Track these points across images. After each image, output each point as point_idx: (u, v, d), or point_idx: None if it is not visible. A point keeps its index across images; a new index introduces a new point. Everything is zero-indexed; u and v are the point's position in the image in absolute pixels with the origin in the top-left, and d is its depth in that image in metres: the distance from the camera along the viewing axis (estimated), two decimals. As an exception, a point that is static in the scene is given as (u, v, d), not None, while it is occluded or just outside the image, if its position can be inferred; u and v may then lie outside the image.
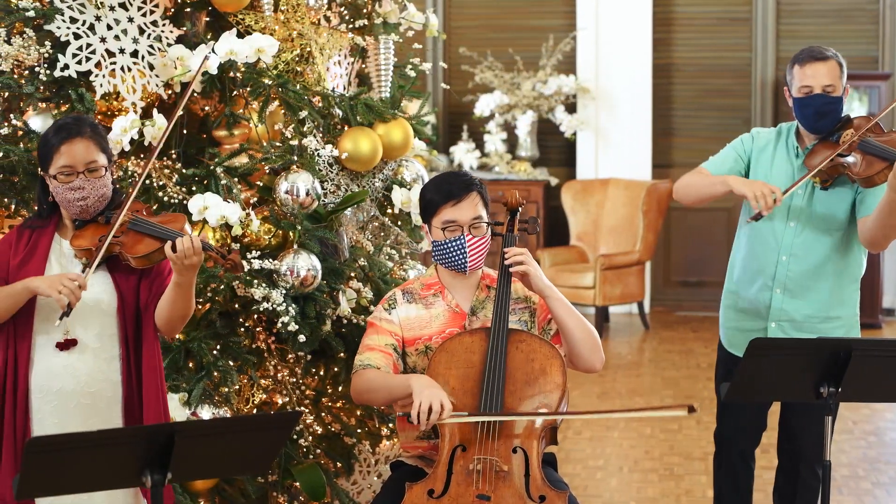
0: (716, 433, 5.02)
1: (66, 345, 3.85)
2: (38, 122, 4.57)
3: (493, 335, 4.15)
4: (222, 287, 4.60)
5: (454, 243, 4.21)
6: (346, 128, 5.10)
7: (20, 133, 4.58)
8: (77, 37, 4.61)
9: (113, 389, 3.91)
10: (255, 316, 4.75)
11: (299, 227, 4.76)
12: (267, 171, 4.87)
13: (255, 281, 4.60)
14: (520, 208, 4.51)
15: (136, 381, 3.92)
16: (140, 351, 3.92)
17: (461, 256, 4.22)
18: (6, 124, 4.60)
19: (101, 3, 4.65)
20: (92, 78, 4.64)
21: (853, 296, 4.79)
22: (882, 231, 4.54)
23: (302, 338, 4.67)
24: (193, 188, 4.70)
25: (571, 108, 10.99)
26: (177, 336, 4.65)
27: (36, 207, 4.06)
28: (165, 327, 3.94)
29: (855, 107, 10.34)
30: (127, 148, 4.56)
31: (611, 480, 6.64)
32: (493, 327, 4.16)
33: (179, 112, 4.26)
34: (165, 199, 4.65)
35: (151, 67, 4.73)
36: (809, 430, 4.70)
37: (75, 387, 3.86)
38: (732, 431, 4.94)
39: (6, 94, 4.61)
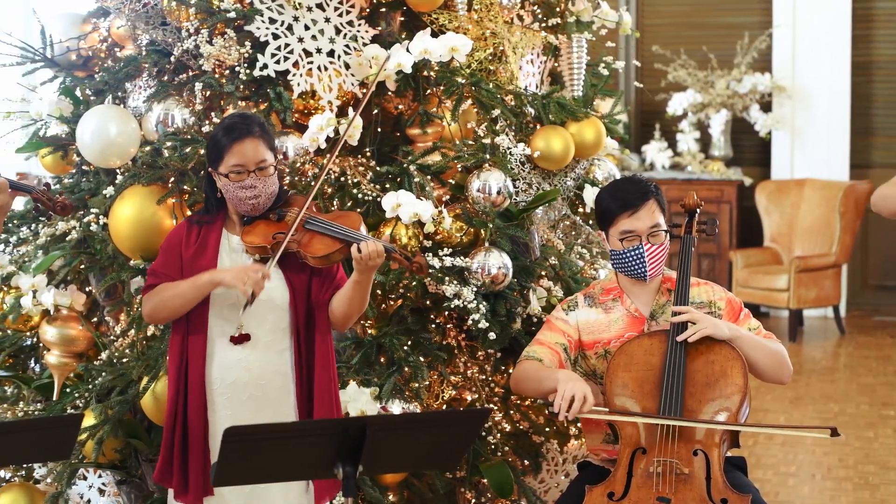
0: None
1: (240, 339, 3.93)
2: (239, 120, 4.68)
3: (672, 336, 4.10)
4: (414, 284, 4.64)
5: (633, 253, 4.17)
6: (538, 126, 5.10)
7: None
8: (276, 37, 4.71)
9: (283, 381, 3.98)
10: (447, 313, 4.78)
11: (491, 225, 4.77)
12: (459, 169, 4.90)
13: (447, 278, 4.63)
14: (698, 209, 4.45)
15: (308, 373, 3.99)
16: (312, 343, 3.98)
17: (640, 266, 4.17)
18: (208, 122, 4.72)
19: (299, 3, 4.74)
20: (289, 77, 4.73)
21: None
22: None
23: (492, 335, 4.68)
24: (387, 185, 4.76)
25: (766, 106, 10.78)
26: (368, 331, 4.72)
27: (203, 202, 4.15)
28: (340, 321, 4.00)
29: None
30: (323, 146, 4.64)
31: (803, 488, 6.50)
32: (672, 329, 4.12)
33: (368, 92, 4.31)
34: (359, 195, 4.71)
35: (347, 66, 4.80)
36: None
37: (248, 379, 3.94)
38: None
39: (208, 93, 4.73)
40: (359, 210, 4.68)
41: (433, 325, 4.79)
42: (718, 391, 4.04)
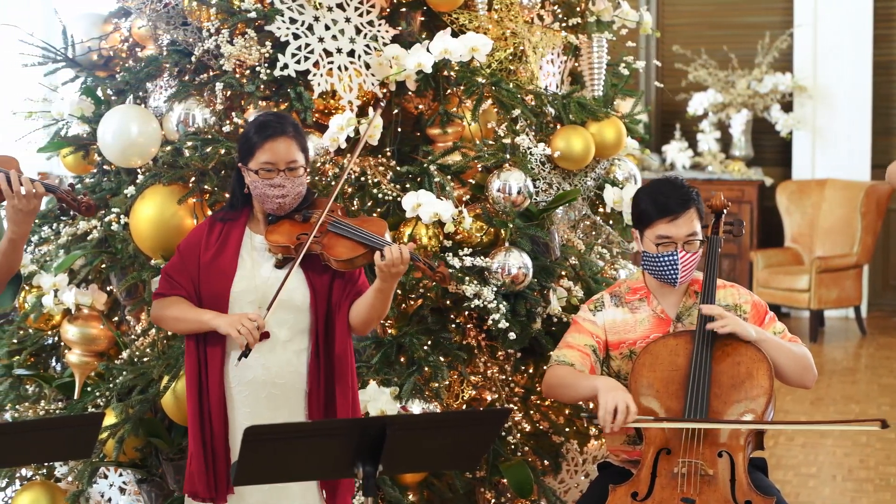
0: None
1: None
2: (259, 120, 4.69)
3: (698, 338, 4.09)
4: (434, 284, 4.64)
5: (666, 259, 4.14)
6: (558, 126, 5.10)
7: (241, 131, 4.69)
8: (296, 37, 4.72)
9: (300, 381, 3.97)
10: (467, 313, 4.78)
11: (511, 225, 4.77)
12: (480, 169, 4.90)
13: (467, 278, 4.63)
14: (725, 210, 4.43)
15: (325, 375, 3.98)
16: (331, 345, 3.97)
17: (672, 272, 4.15)
18: (228, 122, 4.74)
19: (320, 3, 4.75)
20: (310, 77, 4.74)
21: None
22: None
23: (512, 335, 4.68)
24: (407, 185, 4.76)
25: (787, 106, 10.75)
26: (389, 331, 4.72)
27: (228, 197, 4.14)
28: (360, 326, 3.98)
29: None
30: (343, 145, 4.64)
31: (823, 489, 6.48)
32: (698, 330, 4.10)
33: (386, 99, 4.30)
34: (380, 195, 4.72)
35: (367, 66, 4.81)
36: None
37: (266, 378, 3.93)
38: None
39: (228, 93, 4.74)
40: (379, 210, 4.69)
41: (453, 325, 4.79)
42: (744, 393, 4.03)
